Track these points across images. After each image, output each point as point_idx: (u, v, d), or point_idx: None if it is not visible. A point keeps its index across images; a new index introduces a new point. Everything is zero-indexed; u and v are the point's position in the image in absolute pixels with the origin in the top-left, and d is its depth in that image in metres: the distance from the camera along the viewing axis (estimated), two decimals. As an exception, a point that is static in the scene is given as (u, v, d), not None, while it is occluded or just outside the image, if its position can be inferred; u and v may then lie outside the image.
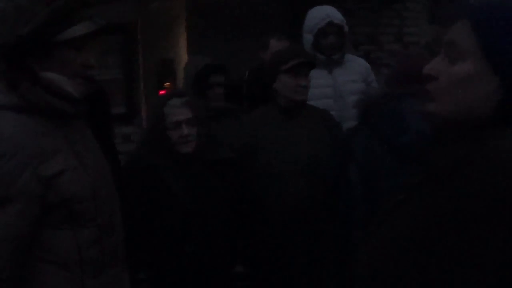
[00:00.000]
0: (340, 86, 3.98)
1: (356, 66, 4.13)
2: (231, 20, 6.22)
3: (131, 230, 2.71)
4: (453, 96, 1.25)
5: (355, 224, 2.89)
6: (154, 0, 5.85)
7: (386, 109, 2.70)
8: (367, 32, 6.52)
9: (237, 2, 6.23)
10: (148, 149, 2.98)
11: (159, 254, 2.91)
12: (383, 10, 6.58)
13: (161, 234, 2.88)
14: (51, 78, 1.90)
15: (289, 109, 3.29)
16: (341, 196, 2.91)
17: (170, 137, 2.91)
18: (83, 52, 1.97)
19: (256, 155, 3.22)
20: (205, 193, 2.93)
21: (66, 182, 1.92)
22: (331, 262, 3.14)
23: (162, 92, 5.85)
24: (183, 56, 5.93)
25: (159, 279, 2.95)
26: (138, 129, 5.46)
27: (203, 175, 2.97)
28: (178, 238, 2.87)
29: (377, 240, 1.28)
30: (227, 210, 3.01)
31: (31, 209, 1.86)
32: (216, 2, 6.14)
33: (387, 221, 1.28)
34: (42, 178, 1.87)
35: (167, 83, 6.02)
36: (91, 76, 2.04)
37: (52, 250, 1.94)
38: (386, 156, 2.67)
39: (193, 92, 3.81)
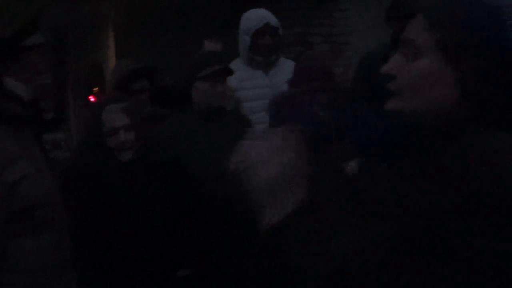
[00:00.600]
0: (276, 86, 4.01)
1: (288, 67, 4.21)
2: (162, 20, 6.14)
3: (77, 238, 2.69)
4: (416, 93, 1.26)
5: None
6: (83, 3, 5.73)
7: (295, 106, 2.81)
8: (297, 33, 6.55)
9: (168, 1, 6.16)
10: (85, 156, 2.93)
11: (106, 259, 2.85)
12: (314, 11, 6.63)
13: (106, 240, 2.83)
14: (3, 81, 1.87)
15: (207, 115, 3.29)
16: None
17: (108, 143, 2.86)
18: (39, 58, 1.99)
19: (179, 161, 3.19)
20: (147, 197, 2.91)
21: (27, 188, 1.88)
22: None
23: (90, 97, 5.73)
24: (112, 60, 5.83)
25: (107, 283, 2.89)
26: (67, 135, 5.33)
27: (143, 179, 2.94)
28: (123, 243, 2.83)
29: (355, 234, 1.24)
30: (170, 213, 2.97)
31: None
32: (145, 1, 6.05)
33: (360, 216, 1.25)
34: (7, 184, 1.82)
35: (95, 88, 5.90)
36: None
37: (14, 258, 1.89)
38: None
39: None
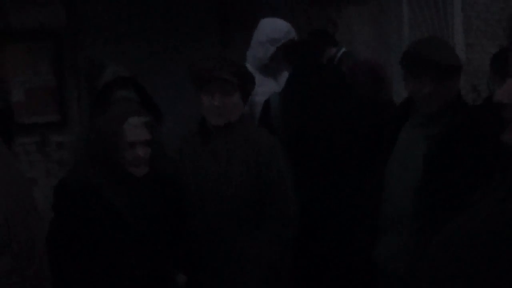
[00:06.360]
0: None
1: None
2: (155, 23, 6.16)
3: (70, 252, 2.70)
4: None
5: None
6: (83, 4, 5.74)
7: None
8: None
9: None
10: (89, 166, 2.83)
11: (104, 275, 2.81)
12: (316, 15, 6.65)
13: (105, 254, 2.79)
14: None
15: (207, 130, 3.17)
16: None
17: (124, 157, 2.75)
18: None
19: (180, 174, 3.19)
20: (148, 210, 2.87)
21: None
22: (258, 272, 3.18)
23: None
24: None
25: None
26: (71, 137, 5.32)
27: (144, 192, 2.89)
28: (123, 257, 2.80)
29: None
30: (167, 225, 2.96)
31: None
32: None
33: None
34: None
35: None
36: None
37: None
38: None
39: (93, 109, 3.45)
